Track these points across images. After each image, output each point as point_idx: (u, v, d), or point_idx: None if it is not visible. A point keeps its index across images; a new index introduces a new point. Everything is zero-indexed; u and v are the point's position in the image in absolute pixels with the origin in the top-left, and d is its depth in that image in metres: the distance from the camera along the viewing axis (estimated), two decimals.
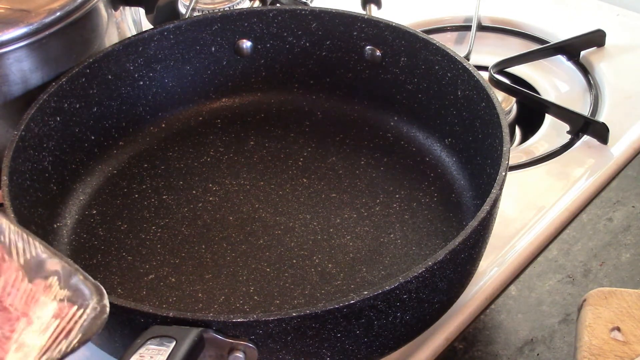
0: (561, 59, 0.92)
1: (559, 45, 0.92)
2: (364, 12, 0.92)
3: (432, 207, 0.71)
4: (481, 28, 0.96)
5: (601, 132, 0.80)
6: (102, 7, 0.75)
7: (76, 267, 0.50)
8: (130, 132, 0.78)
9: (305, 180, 0.74)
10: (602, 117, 0.83)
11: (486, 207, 0.58)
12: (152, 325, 0.52)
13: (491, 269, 0.69)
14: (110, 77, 0.75)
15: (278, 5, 0.90)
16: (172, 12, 0.84)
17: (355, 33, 0.78)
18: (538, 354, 0.63)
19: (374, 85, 0.79)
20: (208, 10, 0.90)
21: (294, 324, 0.53)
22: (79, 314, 0.47)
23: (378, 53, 0.77)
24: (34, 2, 0.70)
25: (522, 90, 0.85)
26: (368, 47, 0.78)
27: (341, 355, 0.56)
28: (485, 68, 0.85)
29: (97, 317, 0.47)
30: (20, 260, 0.51)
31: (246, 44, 0.80)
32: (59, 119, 0.71)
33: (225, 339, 0.53)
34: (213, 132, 0.80)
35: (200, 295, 0.65)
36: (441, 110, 0.74)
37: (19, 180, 0.65)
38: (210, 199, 0.73)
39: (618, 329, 0.58)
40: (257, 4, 0.96)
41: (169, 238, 0.70)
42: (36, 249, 0.51)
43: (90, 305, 0.47)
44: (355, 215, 0.71)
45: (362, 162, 0.76)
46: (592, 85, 0.88)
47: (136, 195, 0.74)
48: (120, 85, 0.76)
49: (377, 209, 0.71)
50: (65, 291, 0.49)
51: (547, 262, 0.70)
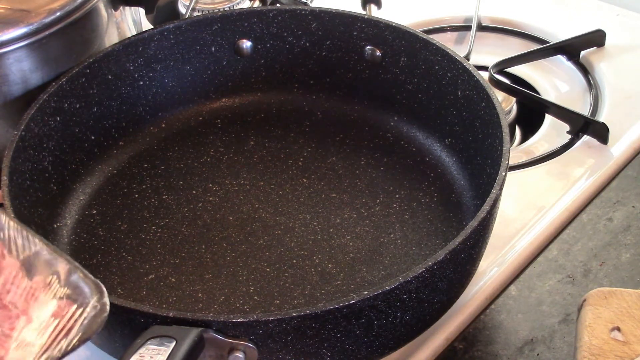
0: (561, 59, 0.92)
1: (559, 45, 0.92)
2: (364, 12, 0.92)
3: (432, 207, 0.71)
4: (481, 28, 0.96)
5: (601, 132, 0.80)
6: (102, 7, 0.75)
7: (76, 264, 0.49)
8: (130, 132, 0.78)
9: (305, 180, 0.74)
10: (602, 117, 0.83)
11: (486, 207, 0.58)
12: (152, 325, 0.52)
13: (491, 269, 0.69)
14: (110, 77, 0.75)
15: (278, 5, 0.90)
16: (172, 12, 0.84)
17: (355, 33, 0.78)
18: (538, 354, 0.63)
19: (374, 85, 0.79)
20: (208, 10, 0.90)
21: (294, 324, 0.53)
22: (79, 312, 0.47)
23: (378, 53, 0.77)
24: (34, 2, 0.70)
25: (522, 90, 0.85)
26: (368, 47, 0.78)
27: (341, 355, 0.56)
28: (485, 68, 0.85)
29: (97, 315, 0.47)
30: (19, 257, 0.51)
31: (246, 44, 0.80)
32: (59, 119, 0.71)
33: (225, 339, 0.53)
34: (213, 132, 0.80)
35: (200, 295, 0.65)
36: (441, 110, 0.74)
37: (19, 180, 0.65)
38: (210, 199, 0.73)
39: (618, 329, 0.58)
40: (257, 4, 0.96)
41: (169, 238, 0.70)
42: (36, 245, 0.51)
43: (91, 304, 0.47)
44: (355, 215, 0.71)
45: (362, 162, 0.76)
46: (592, 85, 0.88)
47: (136, 195, 0.74)
48: (120, 85, 0.76)
49: (377, 209, 0.71)
50: (65, 289, 0.49)
51: (547, 262, 0.70)
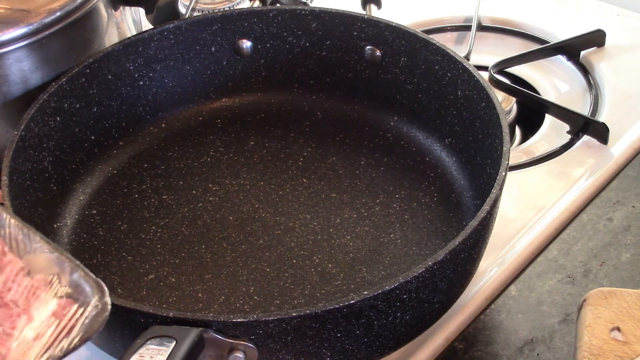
0: (561, 59, 0.92)
1: (559, 45, 0.92)
2: (364, 12, 0.92)
3: (432, 207, 0.71)
4: (481, 28, 0.96)
5: (601, 132, 0.80)
6: (102, 7, 0.75)
7: (77, 263, 0.49)
8: (130, 132, 0.78)
9: (305, 180, 0.74)
10: (602, 117, 0.83)
11: (486, 207, 0.58)
12: (152, 325, 0.52)
13: (491, 269, 0.69)
14: (110, 77, 0.75)
15: (278, 5, 0.90)
16: (172, 12, 0.84)
17: (355, 33, 0.78)
18: (538, 354, 0.63)
19: (374, 85, 0.79)
20: (208, 10, 0.90)
21: (294, 324, 0.53)
22: (80, 311, 0.47)
23: (378, 53, 0.77)
24: (34, 2, 0.70)
25: (522, 90, 0.85)
26: (368, 47, 0.78)
27: (341, 355, 0.56)
28: (485, 68, 0.85)
29: (98, 314, 0.47)
30: (20, 255, 0.51)
31: (246, 44, 0.80)
32: (59, 119, 0.71)
33: (225, 339, 0.53)
34: (213, 132, 0.80)
35: (200, 295, 0.65)
36: (441, 110, 0.74)
37: (19, 180, 0.65)
38: (210, 199, 0.73)
39: (618, 329, 0.58)
40: (257, 4, 0.96)
41: (169, 238, 0.70)
42: (37, 243, 0.51)
43: (92, 303, 0.47)
44: (355, 215, 0.71)
45: (362, 162, 0.76)
46: (592, 85, 0.88)
47: (136, 195, 0.74)
48: (120, 85, 0.76)
49: (377, 209, 0.71)
50: (66, 288, 0.49)
51: (547, 262, 0.70)
